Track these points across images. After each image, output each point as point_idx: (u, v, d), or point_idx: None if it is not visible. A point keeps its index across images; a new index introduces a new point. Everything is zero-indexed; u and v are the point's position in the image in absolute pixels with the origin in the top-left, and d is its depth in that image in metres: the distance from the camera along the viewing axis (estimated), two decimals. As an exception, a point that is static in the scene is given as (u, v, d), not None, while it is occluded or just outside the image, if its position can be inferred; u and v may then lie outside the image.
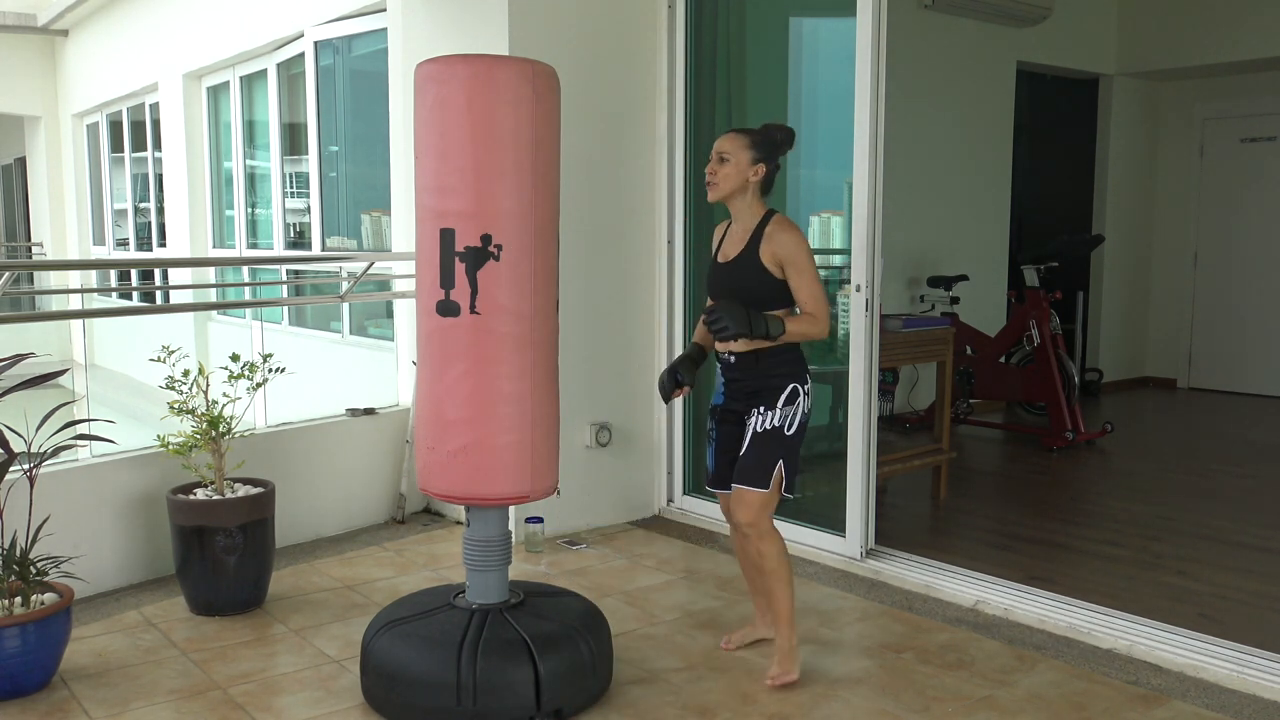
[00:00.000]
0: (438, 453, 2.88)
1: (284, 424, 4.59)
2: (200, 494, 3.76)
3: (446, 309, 2.82)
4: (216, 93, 8.45)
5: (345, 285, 5.39)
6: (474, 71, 2.79)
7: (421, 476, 2.95)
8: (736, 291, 3.04)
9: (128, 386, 8.88)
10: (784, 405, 3.05)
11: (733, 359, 3.11)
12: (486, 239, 2.78)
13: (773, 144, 3.09)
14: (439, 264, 2.80)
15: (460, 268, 2.79)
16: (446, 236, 2.79)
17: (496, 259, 2.79)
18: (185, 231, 8.89)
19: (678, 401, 4.88)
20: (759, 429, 3.06)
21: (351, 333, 6.58)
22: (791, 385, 3.06)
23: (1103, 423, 6.69)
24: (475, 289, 2.79)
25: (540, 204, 2.86)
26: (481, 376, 2.83)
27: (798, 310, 3.04)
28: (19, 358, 3.25)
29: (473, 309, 2.80)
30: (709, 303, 3.16)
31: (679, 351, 4.87)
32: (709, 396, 4.90)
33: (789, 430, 3.06)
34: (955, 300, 6.80)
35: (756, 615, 3.44)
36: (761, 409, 3.06)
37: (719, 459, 3.22)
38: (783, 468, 3.06)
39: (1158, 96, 8.65)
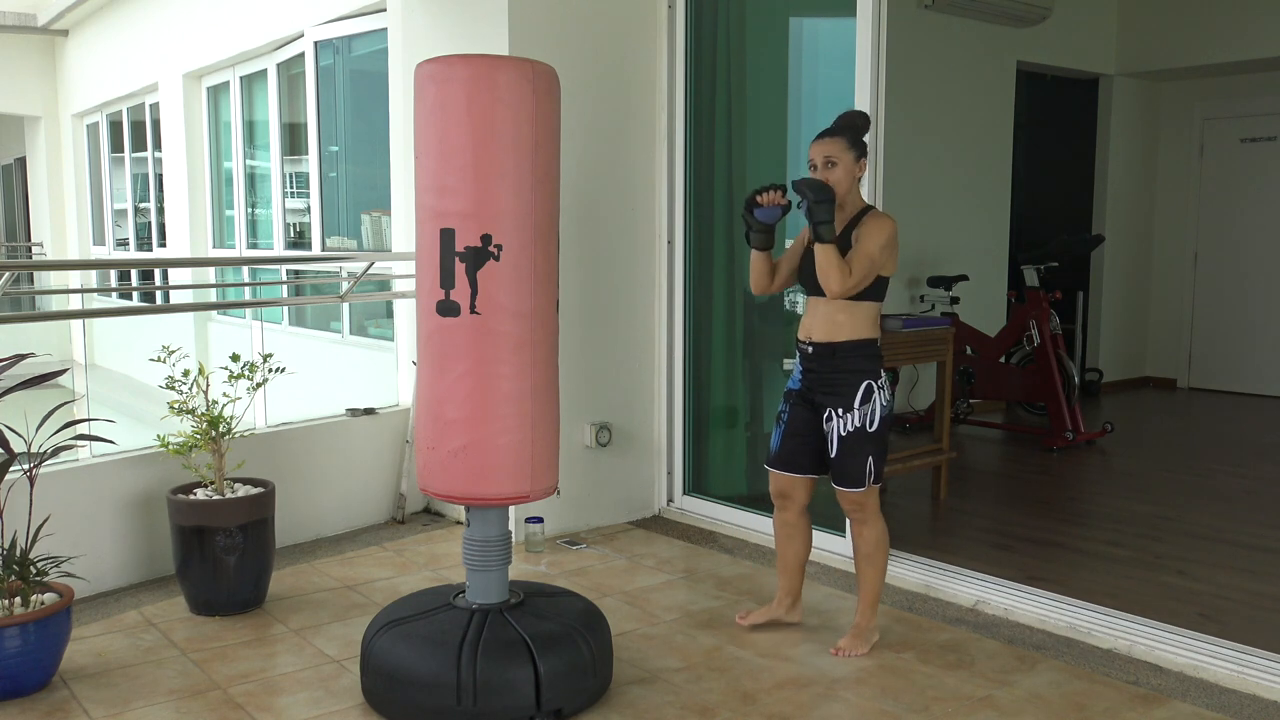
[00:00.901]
0: (438, 452, 2.88)
1: (284, 424, 4.59)
2: (200, 494, 3.76)
3: (447, 309, 2.82)
4: (216, 93, 8.45)
5: (345, 285, 5.39)
6: (474, 72, 2.79)
7: (421, 476, 2.95)
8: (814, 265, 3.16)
9: (128, 386, 8.87)
10: (861, 405, 3.17)
11: (810, 349, 3.22)
12: (486, 239, 2.78)
13: (861, 134, 3.19)
14: (439, 264, 2.81)
15: (460, 268, 2.79)
16: (446, 236, 2.79)
17: (496, 259, 2.79)
18: (185, 231, 8.89)
19: (678, 401, 4.88)
20: (843, 432, 3.19)
21: (351, 333, 6.58)
22: (866, 383, 3.16)
23: (1103, 423, 6.69)
24: (475, 289, 2.79)
25: (540, 204, 2.86)
26: (481, 376, 2.83)
27: (879, 303, 3.21)
28: (19, 358, 3.25)
29: (473, 309, 2.80)
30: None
31: (679, 351, 4.88)
32: (710, 396, 4.94)
33: (871, 427, 3.18)
34: (955, 300, 6.80)
35: (778, 595, 3.54)
36: (840, 410, 3.18)
37: (785, 441, 3.35)
38: (872, 463, 3.21)
39: (1158, 96, 8.65)
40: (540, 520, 4.45)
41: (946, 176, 7.09)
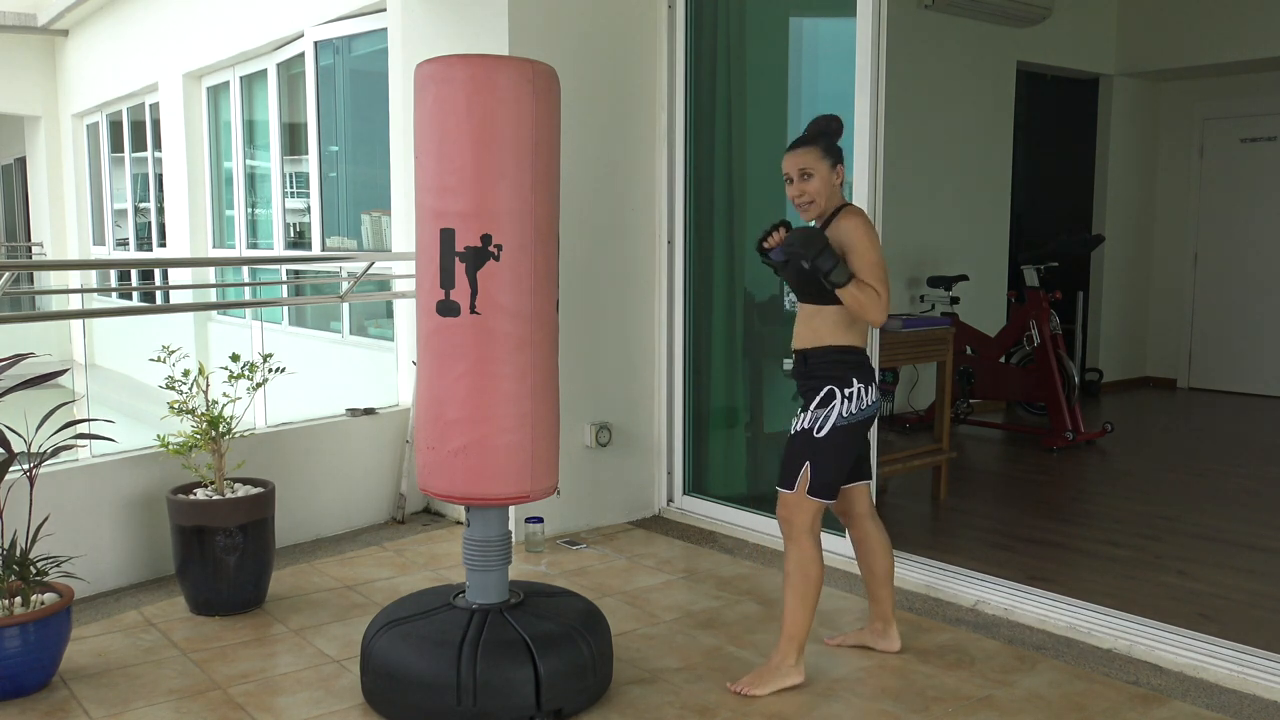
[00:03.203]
0: (438, 452, 2.88)
1: (284, 424, 4.59)
2: (200, 494, 3.76)
3: (447, 309, 2.82)
4: (216, 93, 8.45)
5: (345, 285, 5.39)
6: (474, 72, 2.79)
7: (421, 476, 2.95)
8: (803, 274, 2.98)
9: (128, 386, 8.88)
10: (816, 407, 3.01)
11: (793, 357, 3.13)
12: (486, 239, 2.78)
13: (835, 140, 3.08)
14: (439, 264, 2.80)
15: (460, 268, 2.79)
16: (446, 236, 2.79)
17: (496, 259, 2.79)
18: (185, 231, 8.89)
19: (678, 401, 4.88)
20: (793, 430, 3.07)
21: (351, 333, 6.58)
22: (828, 388, 3.00)
23: (1103, 423, 6.69)
24: (475, 289, 2.79)
25: (540, 204, 2.86)
26: (481, 376, 2.83)
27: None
28: (19, 358, 3.25)
29: (473, 309, 2.80)
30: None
31: (679, 351, 4.88)
32: (710, 396, 4.94)
33: (819, 432, 3.00)
34: (955, 300, 6.80)
35: (869, 618, 3.39)
36: (800, 410, 3.07)
37: None
38: (809, 471, 3.01)
39: (1158, 96, 8.65)
40: (540, 520, 4.45)
41: (946, 176, 7.09)
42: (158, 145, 9.60)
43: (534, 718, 2.79)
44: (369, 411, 4.83)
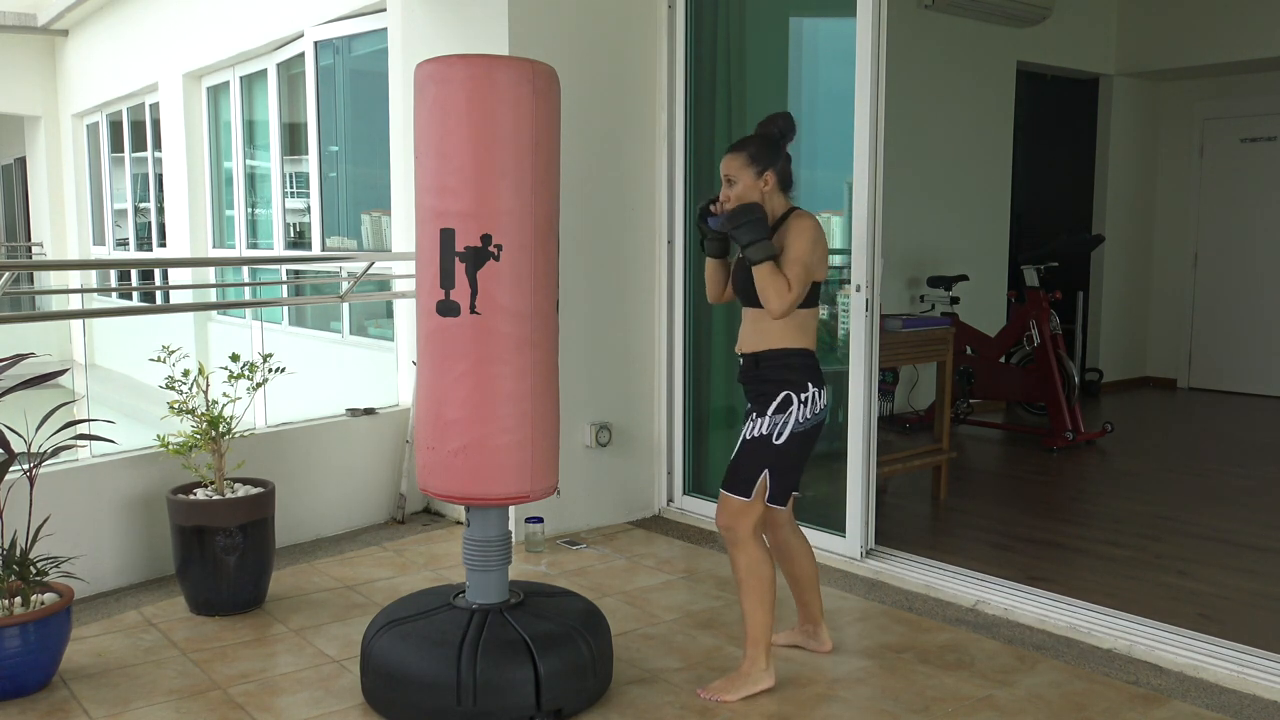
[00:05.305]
0: (438, 452, 2.88)
1: (284, 424, 4.59)
2: (200, 494, 3.76)
3: (447, 309, 2.81)
4: (216, 93, 8.45)
5: (345, 285, 5.39)
6: (473, 72, 2.79)
7: (421, 476, 2.95)
8: (750, 281, 2.94)
9: (128, 386, 8.88)
10: (774, 413, 2.95)
11: (741, 360, 3.07)
12: (486, 239, 2.78)
13: (773, 144, 3.00)
14: (439, 264, 2.80)
15: (460, 268, 2.79)
16: (447, 236, 2.79)
17: (496, 259, 2.79)
18: (185, 231, 8.89)
19: (678, 401, 4.88)
20: (748, 436, 2.99)
21: (351, 333, 6.58)
22: (784, 393, 2.95)
23: (1103, 423, 6.69)
24: (475, 289, 2.79)
25: (540, 204, 2.86)
26: (481, 376, 2.82)
27: (811, 310, 3.00)
28: (19, 358, 3.25)
29: (473, 309, 2.80)
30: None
31: (679, 351, 4.88)
32: (710, 396, 4.94)
33: (778, 439, 2.95)
34: (955, 300, 6.80)
35: (799, 619, 3.37)
36: (755, 415, 2.99)
37: None
38: (768, 477, 2.97)
39: (1158, 96, 8.65)
40: (540, 520, 4.45)
41: (946, 176, 7.09)
42: (158, 145, 9.60)
43: (534, 718, 2.79)
44: (369, 411, 4.83)
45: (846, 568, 4.12)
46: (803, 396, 2.96)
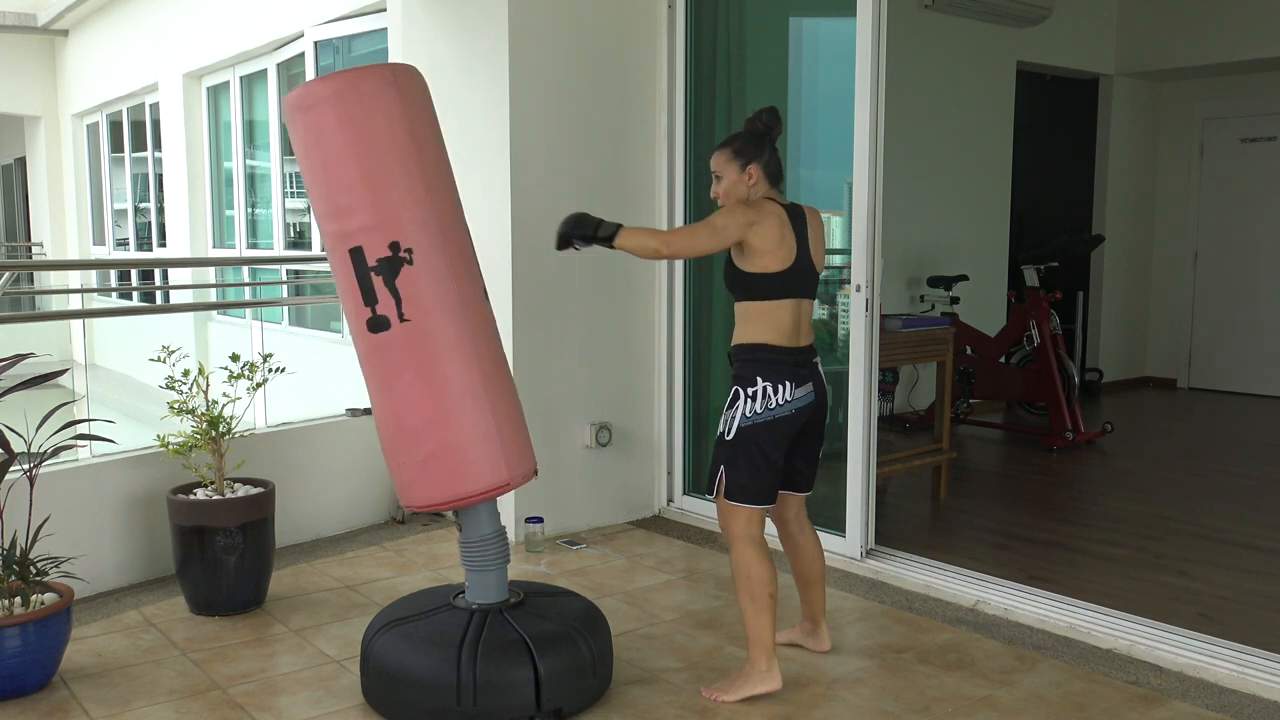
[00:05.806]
0: (409, 466, 2.86)
1: (284, 424, 4.59)
2: (200, 494, 3.76)
3: (377, 325, 2.81)
4: (216, 93, 8.45)
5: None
6: (336, 89, 2.79)
7: (402, 494, 2.92)
8: (728, 273, 3.00)
9: (128, 386, 8.88)
10: (727, 408, 2.99)
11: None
12: (395, 246, 2.78)
13: (756, 139, 3.02)
14: (358, 284, 2.80)
15: (378, 281, 2.78)
16: (357, 255, 2.78)
17: (410, 263, 2.78)
18: (185, 231, 8.90)
19: (678, 401, 4.88)
20: (717, 434, 3.05)
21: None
22: (734, 388, 2.97)
23: (1103, 423, 6.69)
24: (398, 297, 2.78)
25: (437, 199, 2.85)
26: (429, 380, 2.81)
27: (768, 303, 2.93)
28: (19, 358, 3.25)
29: (401, 318, 2.79)
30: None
31: (679, 351, 4.88)
32: (710, 397, 4.94)
33: (728, 435, 2.96)
34: (955, 300, 6.80)
35: (800, 616, 3.37)
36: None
37: None
38: (724, 475, 2.96)
39: (1158, 96, 8.65)
40: (540, 520, 4.45)
41: (946, 176, 7.09)
42: (158, 145, 9.60)
43: (534, 718, 2.79)
44: (369, 411, 4.83)
45: (846, 567, 4.12)
46: (750, 391, 2.94)
